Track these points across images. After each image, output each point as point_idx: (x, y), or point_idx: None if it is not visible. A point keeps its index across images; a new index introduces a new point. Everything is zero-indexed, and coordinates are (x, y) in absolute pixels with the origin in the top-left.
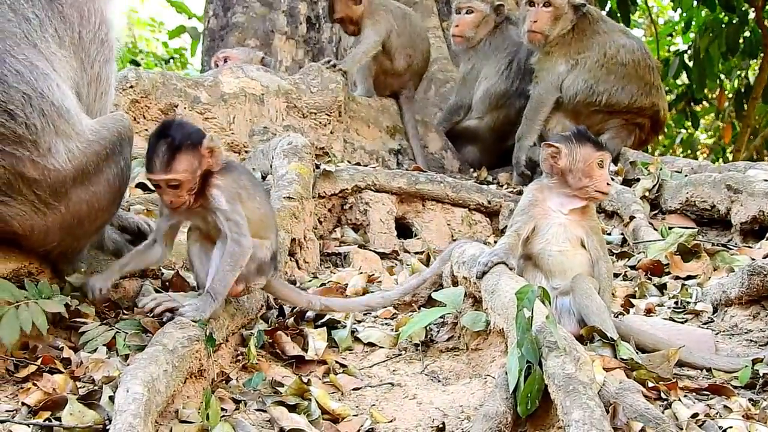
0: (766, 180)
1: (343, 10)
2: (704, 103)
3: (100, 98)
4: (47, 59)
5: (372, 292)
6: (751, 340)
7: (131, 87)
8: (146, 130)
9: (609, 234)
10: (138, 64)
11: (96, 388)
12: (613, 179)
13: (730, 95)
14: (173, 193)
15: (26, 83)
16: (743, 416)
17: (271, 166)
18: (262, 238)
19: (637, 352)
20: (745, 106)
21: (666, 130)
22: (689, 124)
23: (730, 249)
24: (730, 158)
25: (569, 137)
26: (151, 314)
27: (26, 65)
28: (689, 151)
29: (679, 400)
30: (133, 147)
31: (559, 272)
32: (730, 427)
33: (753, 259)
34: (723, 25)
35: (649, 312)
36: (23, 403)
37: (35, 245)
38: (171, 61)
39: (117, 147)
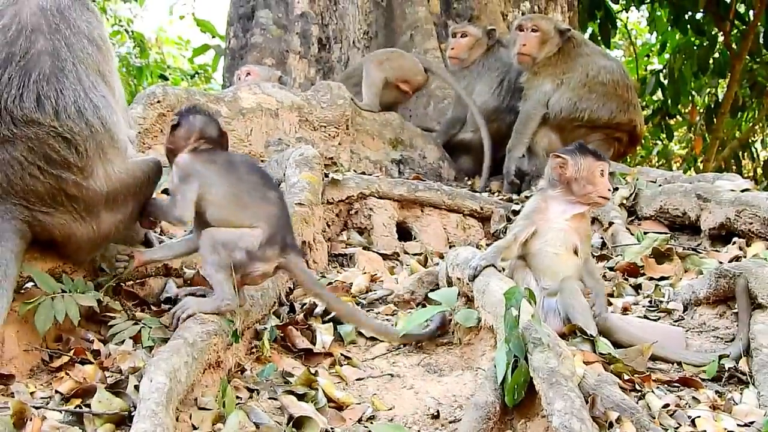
0: (732, 190)
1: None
2: (678, 117)
3: (125, 112)
4: (112, 89)
5: (374, 290)
6: (718, 337)
7: (158, 102)
8: None
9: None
10: (166, 79)
11: (123, 377)
12: None
13: (701, 110)
14: None
15: (99, 118)
16: (710, 407)
17: (284, 174)
18: (247, 227)
19: (614, 347)
20: (715, 121)
21: (643, 141)
22: (664, 136)
23: (700, 253)
24: (701, 167)
25: (573, 150)
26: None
27: (102, 100)
28: (664, 161)
29: (652, 391)
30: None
31: (550, 274)
32: (698, 417)
33: (720, 263)
34: (695, 48)
35: (625, 310)
36: (57, 391)
37: (70, 253)
38: (196, 76)
39: (144, 187)
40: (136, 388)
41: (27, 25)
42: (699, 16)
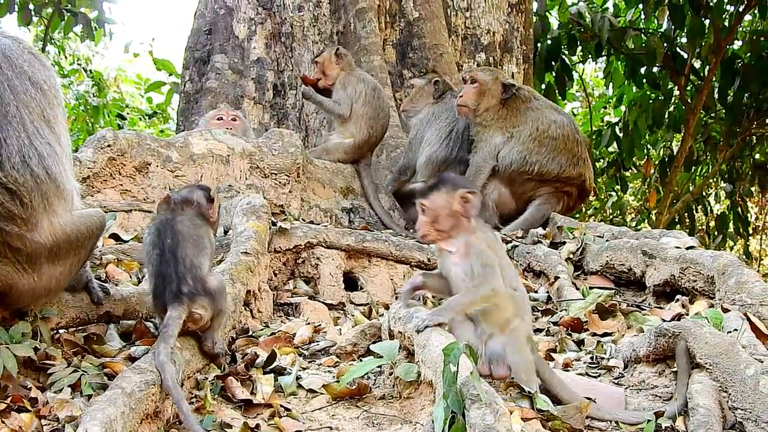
0: (677, 247)
1: (324, 58)
2: (632, 169)
3: (71, 160)
4: (57, 136)
5: (317, 341)
6: (657, 395)
7: (109, 146)
8: (121, 185)
9: (536, 292)
10: (124, 118)
11: (59, 426)
12: (541, 242)
13: (656, 163)
14: None
15: (44, 168)
16: None
17: (231, 222)
18: None
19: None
20: (669, 174)
21: (598, 192)
22: (619, 188)
23: (643, 309)
24: (655, 220)
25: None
26: None
27: (46, 148)
28: (618, 213)
29: None
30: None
31: (479, 315)
32: None
33: (663, 320)
34: (650, 101)
35: (566, 366)
36: None
37: (10, 303)
38: (155, 116)
39: (87, 242)
40: None
41: None
42: (655, 70)
